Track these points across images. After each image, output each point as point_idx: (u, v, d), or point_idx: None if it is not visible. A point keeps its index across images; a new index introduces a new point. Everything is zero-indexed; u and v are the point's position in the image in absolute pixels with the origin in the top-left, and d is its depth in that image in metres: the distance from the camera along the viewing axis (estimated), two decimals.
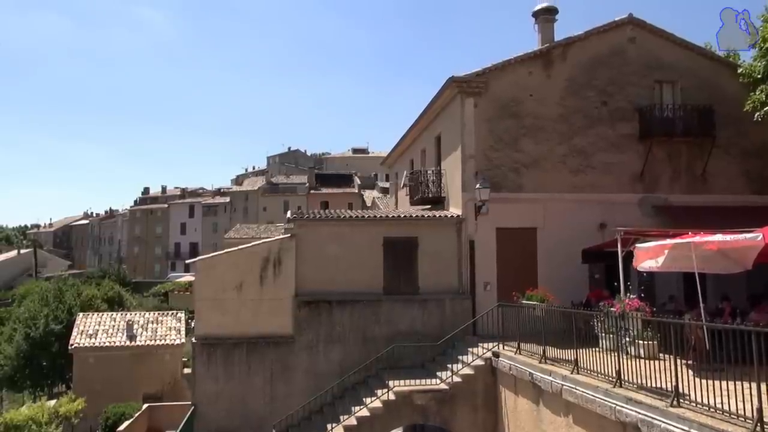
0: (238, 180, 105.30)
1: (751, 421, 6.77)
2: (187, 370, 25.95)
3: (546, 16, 19.98)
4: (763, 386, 6.73)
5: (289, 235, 18.12)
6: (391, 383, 14.99)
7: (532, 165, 18.35)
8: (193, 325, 19.65)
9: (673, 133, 18.49)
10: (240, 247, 18.59)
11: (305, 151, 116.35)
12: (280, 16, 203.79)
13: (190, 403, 17.75)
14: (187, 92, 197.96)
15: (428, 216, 18.42)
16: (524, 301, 14.25)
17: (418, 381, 15.05)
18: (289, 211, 28.39)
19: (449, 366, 15.45)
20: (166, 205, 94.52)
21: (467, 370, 15.01)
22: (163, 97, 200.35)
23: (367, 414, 14.50)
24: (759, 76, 16.07)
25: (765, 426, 6.62)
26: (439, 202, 20.19)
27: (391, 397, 14.64)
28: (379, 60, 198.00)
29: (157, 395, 26.08)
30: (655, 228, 15.48)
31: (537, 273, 17.62)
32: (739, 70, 17.19)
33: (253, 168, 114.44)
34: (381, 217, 18.95)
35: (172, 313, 30.83)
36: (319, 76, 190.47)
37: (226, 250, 19.42)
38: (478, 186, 17.27)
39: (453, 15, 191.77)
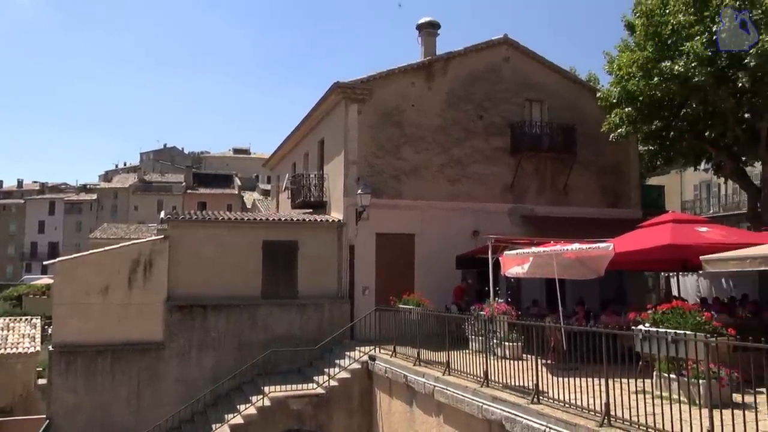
0: (107, 176, 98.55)
1: (600, 415, 7.40)
2: (42, 381, 23.83)
3: (429, 30, 20.71)
4: (611, 382, 7.39)
5: (162, 236, 17.28)
6: (266, 389, 14.73)
7: (412, 173, 18.89)
8: (50, 332, 18.10)
9: (540, 148, 19.86)
10: (107, 248, 17.44)
11: (182, 149, 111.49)
12: (157, 7, 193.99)
13: (44, 416, 16.32)
14: (53, 81, 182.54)
15: (309, 220, 18.37)
16: (401, 306, 14.61)
17: (294, 386, 14.92)
18: (163, 211, 27.05)
19: (326, 370, 15.47)
20: (21, 201, 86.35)
21: (344, 374, 15.10)
22: (24, 86, 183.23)
23: (241, 421, 14.13)
24: (614, 101, 17.67)
25: (611, 418, 7.27)
26: (320, 206, 20.20)
27: (266, 403, 14.38)
28: (262, 62, 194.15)
29: (6, 409, 23.69)
30: (523, 236, 16.54)
31: (414, 278, 18.14)
32: (598, 94, 18.83)
33: (125, 164, 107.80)
34: (261, 219, 18.60)
35: (26, 319, 28.15)
36: (199, 73, 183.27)
37: (90, 251, 18.12)
38: (359, 191, 17.49)
39: (338, 23, 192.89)
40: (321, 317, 17.62)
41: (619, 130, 17.77)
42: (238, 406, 14.86)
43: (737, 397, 7.35)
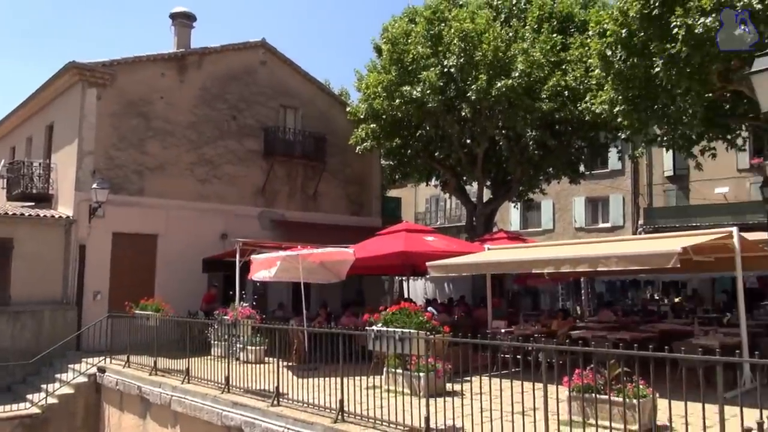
0: None
1: (335, 412, 7.85)
2: None
3: (183, 21, 19.78)
4: (346, 380, 7.89)
5: None
6: None
7: (158, 169, 17.79)
8: None
9: (292, 154, 20.33)
10: None
11: None
12: None
13: None
14: None
15: (29, 215, 16.05)
16: (138, 312, 13.62)
17: (1, 407, 12.86)
18: None
19: (44, 386, 13.68)
20: None
21: (66, 390, 13.52)
22: None
23: None
24: (362, 117, 18.98)
25: (345, 414, 7.76)
26: (45, 199, 17.80)
27: None
28: None
29: None
30: (272, 240, 16.74)
31: (155, 281, 17.08)
32: (348, 109, 20.02)
33: None
34: None
35: None
36: None
37: None
38: (95, 186, 15.85)
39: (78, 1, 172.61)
40: (39, 326, 15.47)
41: (364, 144, 19.12)
42: None
43: (451, 387, 8.45)
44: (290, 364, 11.11)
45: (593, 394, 6.38)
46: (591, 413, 6.31)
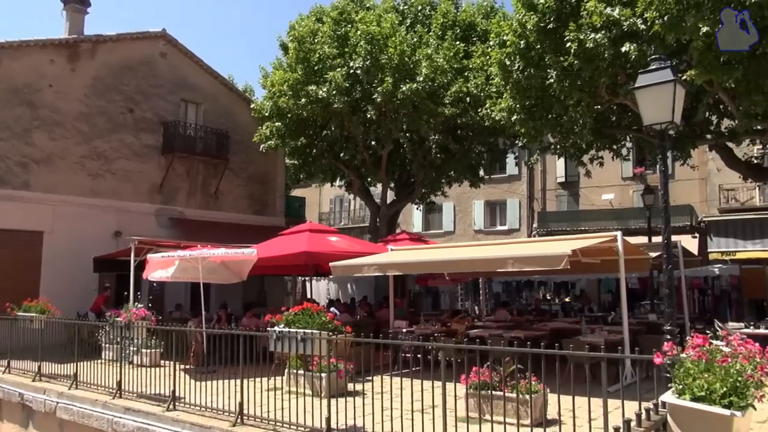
0: None
1: (234, 415, 7.66)
2: None
3: (76, 6, 18.56)
4: (247, 382, 7.72)
5: None
6: None
7: (44, 162, 16.59)
8: None
9: (193, 151, 19.65)
10: None
11: None
12: None
13: None
14: None
15: None
16: (20, 314, 12.61)
17: None
18: None
19: None
20: None
21: None
22: None
23: None
24: (266, 114, 18.66)
25: (245, 417, 7.59)
26: None
27: None
28: None
29: None
30: (170, 239, 16.08)
31: (40, 281, 15.91)
32: (252, 106, 19.62)
33: None
34: None
35: None
36: None
37: None
38: None
39: None
40: None
41: (269, 142, 18.81)
42: None
43: (353, 387, 8.49)
44: (188, 366, 10.72)
45: (489, 391, 6.64)
46: (487, 409, 6.57)
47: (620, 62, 11.53)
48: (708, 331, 4.95)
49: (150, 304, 12.56)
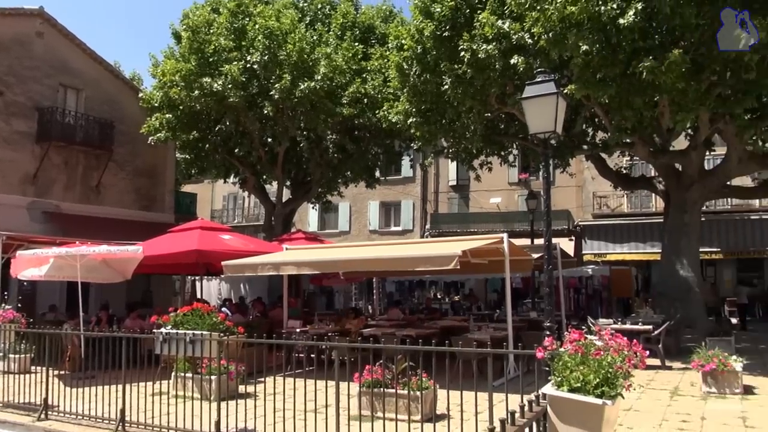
0: None
1: (114, 422, 7.24)
2: None
3: None
4: (129, 387, 7.32)
5: None
6: None
7: None
8: None
9: (73, 140, 18.33)
10: None
11: None
12: None
13: None
14: None
15: None
16: None
17: None
18: None
19: None
20: None
21: None
22: None
23: None
24: (156, 105, 17.80)
25: (127, 424, 7.19)
26: None
27: None
28: None
29: None
30: (45, 235, 14.90)
31: None
32: (141, 95, 18.64)
33: None
34: None
35: None
36: None
37: None
38: None
39: None
40: None
41: (158, 135, 17.97)
42: None
43: (244, 389, 8.30)
44: (62, 372, 9.99)
45: (381, 389, 6.74)
46: (379, 407, 6.67)
47: (509, 73, 12.15)
48: (583, 327, 5.33)
49: (20, 305, 11.58)
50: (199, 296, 16.27)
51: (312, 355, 10.73)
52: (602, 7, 10.07)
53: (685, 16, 9.97)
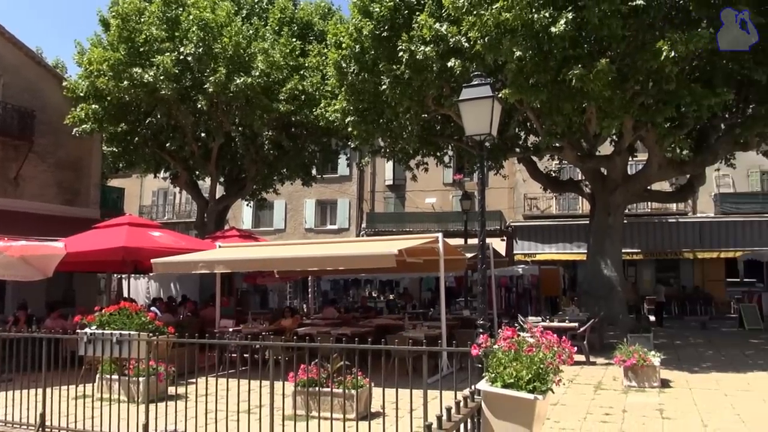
0: None
1: (33, 427, 6.87)
2: None
3: None
4: (50, 390, 6.97)
5: None
6: None
7: None
8: None
9: None
10: None
11: None
12: None
13: None
14: None
15: None
16: None
17: None
18: None
19: None
20: None
21: None
22: None
23: None
24: (82, 95, 17.00)
25: (47, 429, 6.84)
26: None
27: None
28: None
29: None
30: None
31: None
32: (65, 84, 17.76)
33: None
34: None
35: None
36: None
37: None
38: None
39: None
40: None
41: (83, 126, 17.20)
42: None
43: (174, 390, 8.05)
44: None
45: (316, 388, 6.70)
46: (314, 406, 6.62)
47: (446, 75, 12.34)
48: (516, 325, 5.48)
49: None
50: (126, 295, 15.70)
51: (245, 355, 10.53)
52: (535, 15, 10.40)
53: (612, 28, 10.43)
